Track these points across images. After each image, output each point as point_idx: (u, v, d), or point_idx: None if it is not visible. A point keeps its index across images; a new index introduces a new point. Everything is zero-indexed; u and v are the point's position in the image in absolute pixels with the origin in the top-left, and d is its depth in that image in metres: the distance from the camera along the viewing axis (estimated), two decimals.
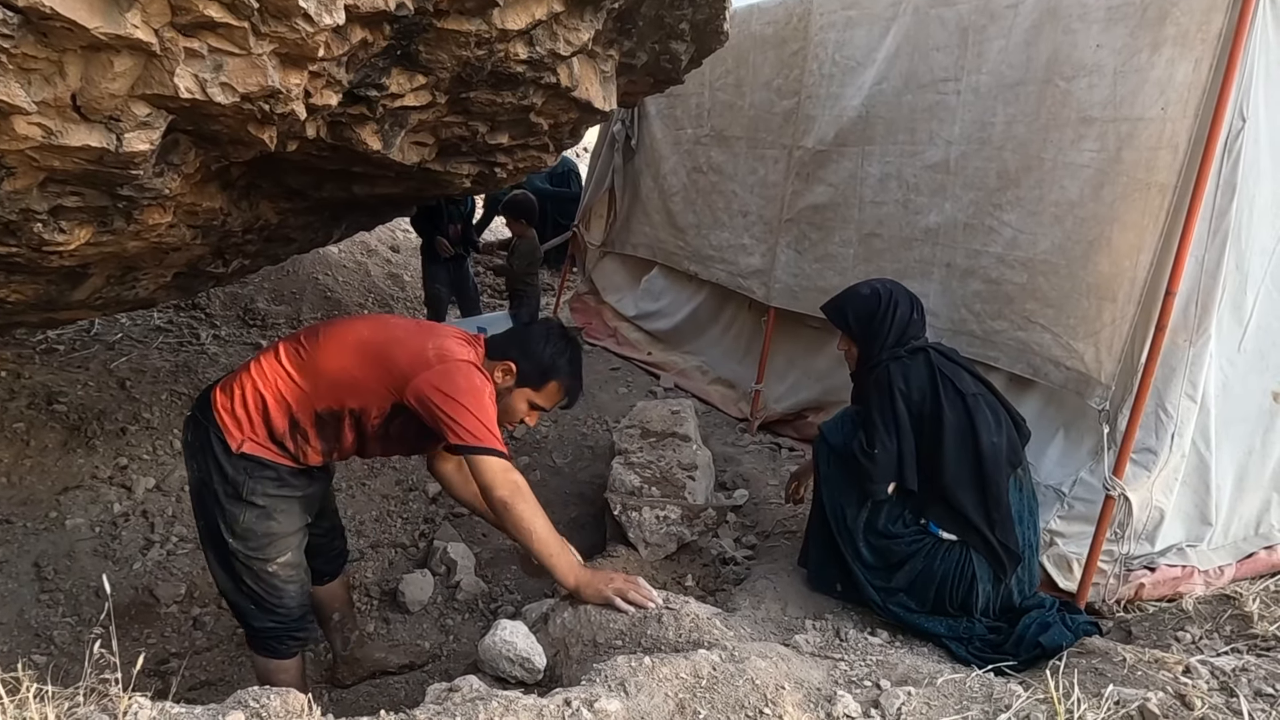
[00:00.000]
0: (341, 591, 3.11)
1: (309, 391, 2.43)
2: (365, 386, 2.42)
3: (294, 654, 2.67)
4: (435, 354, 2.38)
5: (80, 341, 5.03)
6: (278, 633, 2.60)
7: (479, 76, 2.46)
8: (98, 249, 2.31)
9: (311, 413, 2.44)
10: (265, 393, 2.43)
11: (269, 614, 2.56)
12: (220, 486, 2.45)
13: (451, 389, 2.31)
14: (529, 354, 2.52)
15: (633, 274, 6.64)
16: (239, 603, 2.58)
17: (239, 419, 2.43)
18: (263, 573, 2.51)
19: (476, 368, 2.41)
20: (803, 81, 4.49)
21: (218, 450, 2.44)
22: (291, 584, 2.57)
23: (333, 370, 2.43)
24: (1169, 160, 2.85)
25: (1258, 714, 2.05)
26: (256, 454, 2.44)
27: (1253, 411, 3.16)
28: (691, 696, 1.95)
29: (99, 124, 1.71)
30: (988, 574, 2.70)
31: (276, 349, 2.52)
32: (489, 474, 2.30)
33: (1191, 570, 3.07)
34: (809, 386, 4.69)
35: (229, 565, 2.52)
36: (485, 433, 2.30)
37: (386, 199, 3.48)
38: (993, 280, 3.51)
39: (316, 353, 2.46)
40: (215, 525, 2.49)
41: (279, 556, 2.52)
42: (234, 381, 2.49)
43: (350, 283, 6.90)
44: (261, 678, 2.65)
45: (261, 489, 2.46)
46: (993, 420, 2.71)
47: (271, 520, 2.49)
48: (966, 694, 2.17)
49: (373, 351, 2.43)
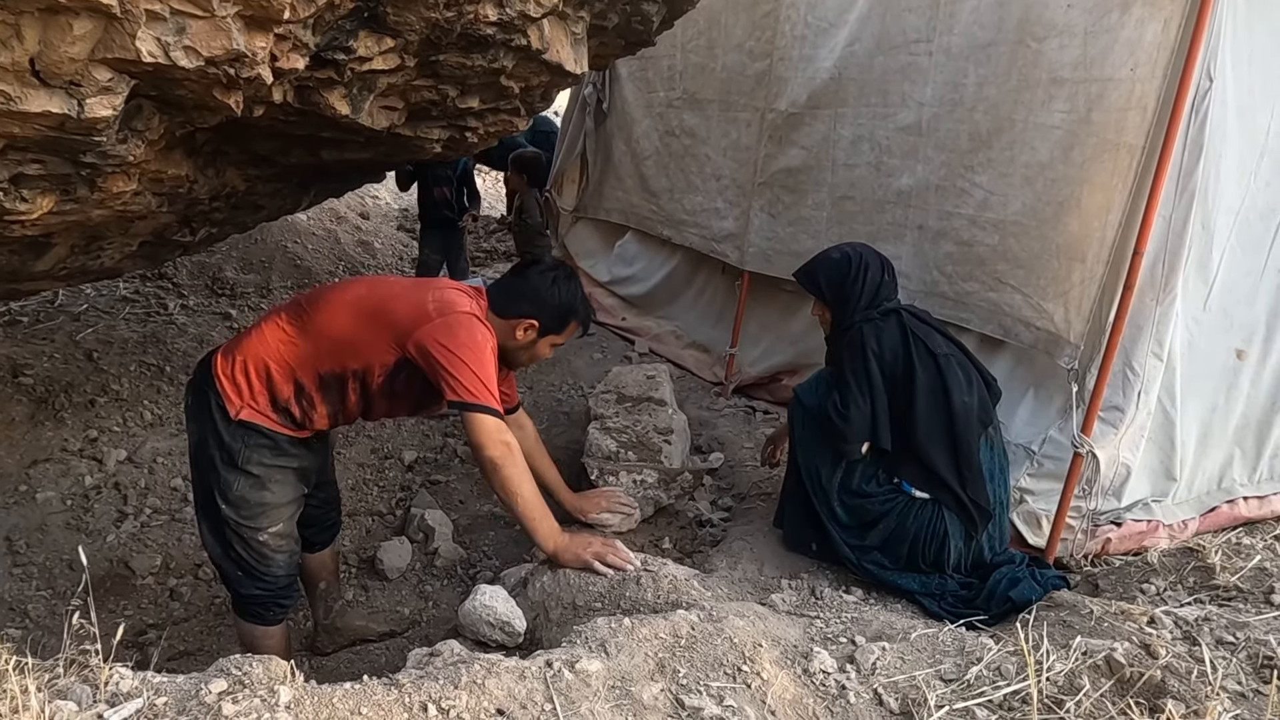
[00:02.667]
0: (330, 561, 3.13)
1: (311, 354, 2.43)
2: (367, 345, 2.41)
3: (279, 621, 2.68)
4: (436, 307, 2.38)
5: (45, 313, 4.95)
6: (264, 600, 2.60)
7: (448, 39, 2.42)
8: (61, 218, 2.26)
9: (315, 375, 2.44)
10: (269, 358, 2.43)
11: (256, 581, 2.56)
12: (216, 452, 2.45)
13: (452, 342, 2.31)
14: (544, 306, 2.52)
15: (606, 239, 6.61)
16: (226, 568, 2.59)
17: (239, 386, 2.43)
18: (253, 541, 2.51)
19: (478, 320, 2.40)
20: (775, 43, 4.46)
21: (216, 416, 2.43)
22: (280, 553, 2.57)
23: (333, 331, 2.43)
24: (1138, 121, 2.87)
25: (1219, 661, 2.11)
26: (255, 421, 2.44)
27: (1217, 369, 3.22)
28: (671, 656, 1.98)
29: (59, 89, 1.67)
30: (959, 531, 2.75)
31: (279, 314, 2.52)
32: (481, 432, 2.31)
33: (1156, 525, 3.15)
34: (783, 350, 4.72)
35: (219, 531, 2.52)
36: (482, 390, 2.30)
37: (356, 165, 3.43)
38: (964, 242, 3.54)
39: (316, 315, 2.46)
40: (210, 490, 2.49)
41: (270, 526, 2.52)
42: (236, 348, 2.48)
43: (320, 250, 6.81)
44: (245, 644, 2.67)
45: (257, 458, 2.46)
46: (964, 380, 2.75)
47: (265, 490, 2.49)
48: (939, 648, 2.22)
49: (371, 309, 2.43)
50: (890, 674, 2.08)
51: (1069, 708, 1.91)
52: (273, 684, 1.61)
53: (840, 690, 2.01)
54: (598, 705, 1.76)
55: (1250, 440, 3.42)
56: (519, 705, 1.71)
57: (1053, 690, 1.99)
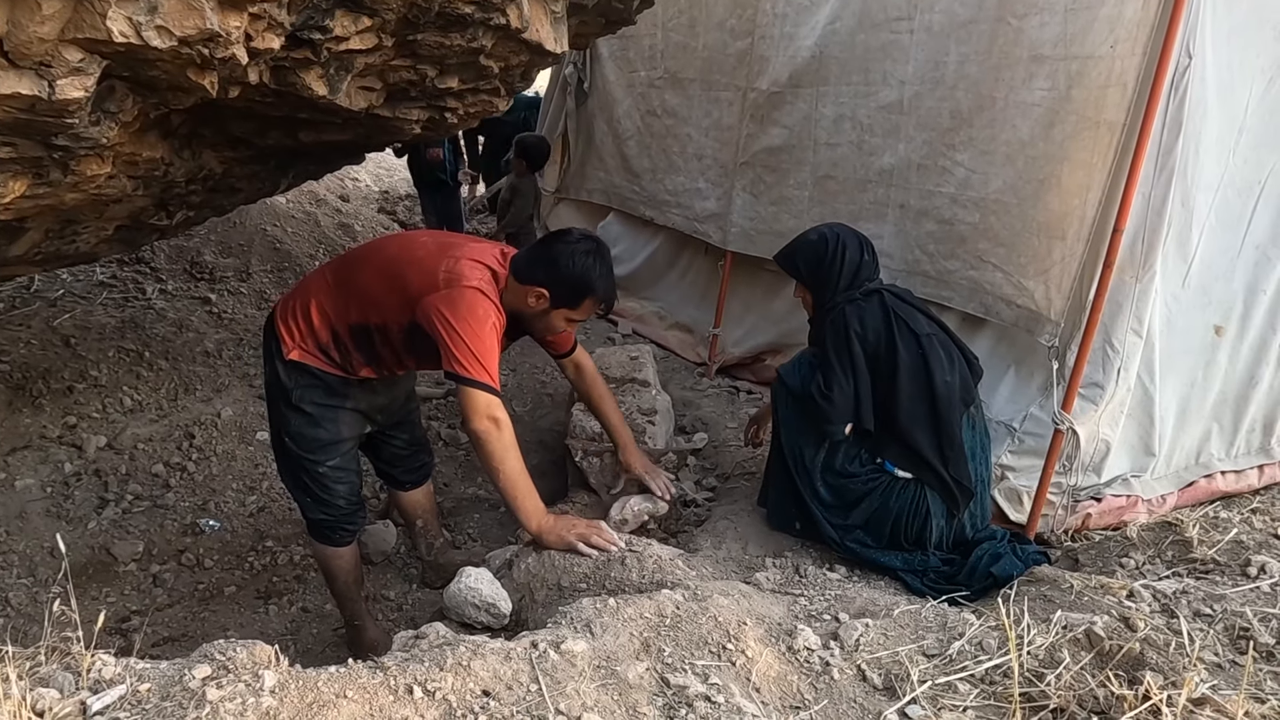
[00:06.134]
0: (425, 500, 3.31)
1: (342, 305, 2.58)
2: (384, 303, 2.52)
3: (347, 543, 2.88)
4: (445, 276, 2.43)
5: (20, 299, 4.88)
6: (330, 524, 2.81)
7: (426, 18, 2.39)
8: (34, 202, 2.23)
9: (346, 326, 2.58)
10: (312, 304, 2.59)
11: (322, 507, 2.77)
12: (276, 390, 2.67)
13: (453, 314, 2.35)
14: (559, 276, 2.48)
15: (588, 220, 6.58)
16: (296, 494, 2.84)
17: (290, 328, 2.60)
18: (314, 472, 2.71)
19: (483, 294, 2.41)
20: (756, 21, 4.44)
21: (275, 355, 2.64)
22: (341, 484, 2.76)
23: (359, 286, 2.56)
24: (1118, 98, 2.88)
25: (1196, 633, 2.15)
26: (305, 362, 2.60)
27: (1195, 345, 3.25)
28: (656, 635, 1.99)
29: (29, 70, 1.63)
30: (941, 509, 2.77)
31: (331, 264, 2.70)
32: (470, 406, 2.35)
33: (1135, 500, 3.18)
34: (766, 330, 4.73)
35: (286, 460, 2.77)
36: (476, 365, 2.33)
37: (334, 146, 3.39)
38: (946, 220, 3.54)
39: (351, 269, 2.61)
40: (276, 424, 2.73)
41: (328, 460, 2.71)
42: (294, 292, 2.68)
43: (300, 233, 6.74)
44: (319, 561, 2.96)
45: (310, 396, 2.63)
46: (946, 360, 2.76)
47: (319, 428, 2.67)
48: (922, 624, 2.24)
49: (391, 271, 2.53)
50: (873, 650, 2.10)
51: (1049, 680, 1.93)
52: (257, 668, 1.60)
53: (824, 667, 2.02)
54: (583, 685, 1.76)
55: (1228, 415, 3.46)
56: (505, 686, 1.72)
57: (1033, 664, 2.02)
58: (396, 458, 3.12)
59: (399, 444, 3.08)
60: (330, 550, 2.86)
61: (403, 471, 3.18)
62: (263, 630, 3.16)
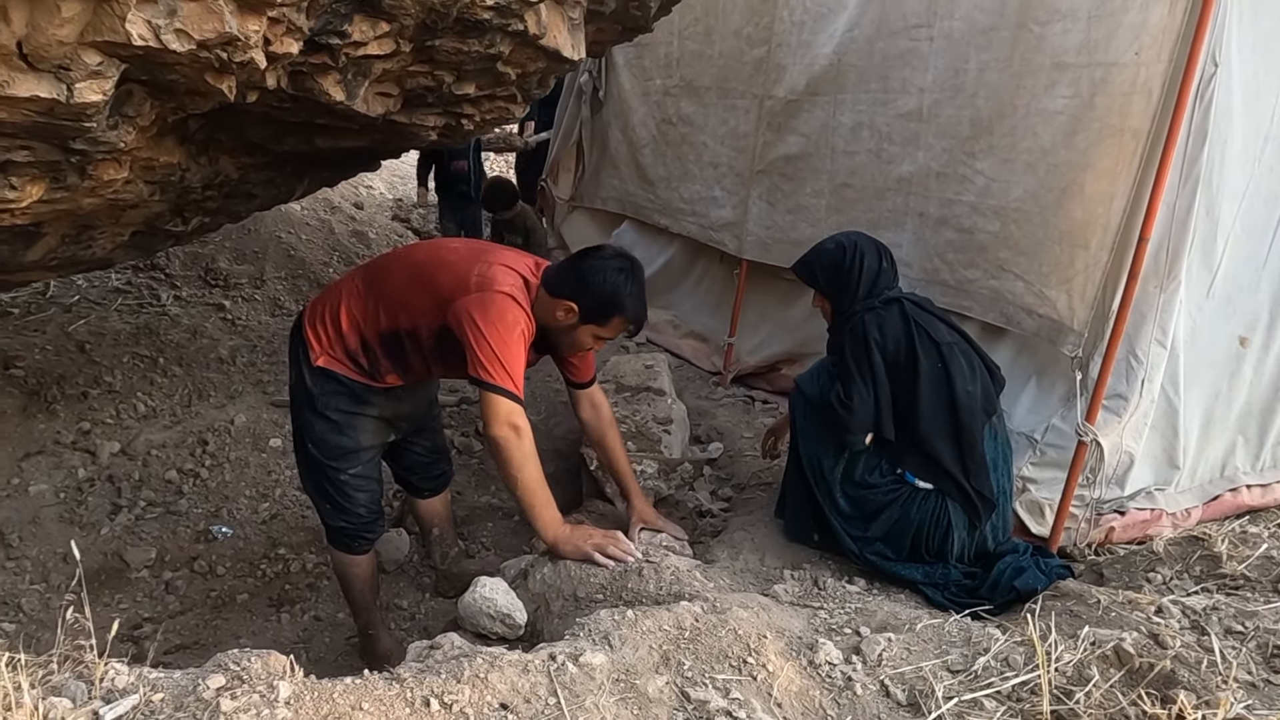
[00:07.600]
0: (442, 508, 3.29)
1: (372, 311, 2.56)
2: (414, 308, 2.50)
3: (365, 551, 2.86)
4: (476, 280, 2.41)
5: (36, 304, 4.89)
6: (349, 531, 2.78)
7: (444, 24, 2.38)
8: (51, 206, 2.22)
9: (376, 332, 2.56)
10: (341, 310, 2.57)
11: (342, 514, 2.75)
12: (301, 395, 2.64)
13: (481, 319, 2.32)
14: (588, 291, 2.45)
15: (602, 228, 6.57)
16: (316, 500, 2.81)
17: (318, 334, 2.59)
18: (336, 479, 2.69)
19: (515, 300, 2.39)
20: (773, 29, 4.42)
21: (302, 361, 2.61)
22: (362, 492, 2.74)
23: (389, 291, 2.55)
24: (1142, 106, 2.84)
25: (1228, 651, 2.10)
26: (332, 369, 2.58)
27: (1220, 356, 3.20)
28: (675, 648, 1.96)
29: (48, 73, 1.63)
30: (963, 521, 2.73)
31: (361, 269, 2.69)
32: (490, 412, 2.33)
33: (1160, 513, 3.13)
34: (782, 339, 4.69)
35: (308, 466, 2.74)
36: (500, 370, 2.31)
37: (350, 152, 3.39)
38: (966, 229, 3.51)
39: (381, 275, 2.60)
40: (299, 430, 2.72)
41: (350, 468, 2.69)
42: (322, 297, 2.66)
43: (314, 241, 6.75)
44: (337, 569, 2.93)
45: (335, 404, 2.60)
46: (967, 369, 2.72)
47: (343, 435, 2.64)
48: (945, 638, 2.20)
49: (422, 274, 2.52)
50: (896, 665, 2.06)
51: (1079, 698, 1.88)
52: (271, 679, 1.58)
53: (847, 682, 1.98)
54: (603, 699, 1.73)
55: (1253, 428, 3.41)
56: (523, 699, 1.69)
57: (1061, 681, 1.97)
58: (417, 465, 3.10)
59: (420, 451, 3.06)
60: (348, 558, 2.84)
61: (422, 479, 3.15)
62: (275, 638, 3.13)
